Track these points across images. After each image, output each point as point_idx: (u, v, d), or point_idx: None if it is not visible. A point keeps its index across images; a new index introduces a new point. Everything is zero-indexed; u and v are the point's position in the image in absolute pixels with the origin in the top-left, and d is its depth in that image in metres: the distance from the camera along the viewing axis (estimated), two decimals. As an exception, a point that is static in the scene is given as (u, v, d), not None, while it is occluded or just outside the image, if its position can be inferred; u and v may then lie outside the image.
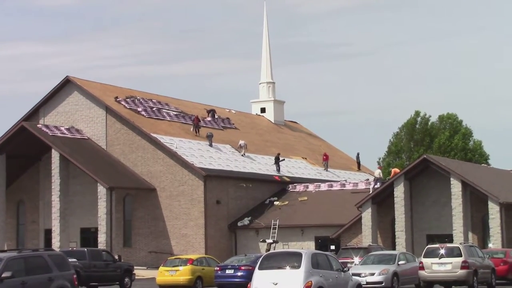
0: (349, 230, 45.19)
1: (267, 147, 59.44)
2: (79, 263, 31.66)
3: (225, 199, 49.37)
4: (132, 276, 34.72)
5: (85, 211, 49.25)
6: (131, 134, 50.44)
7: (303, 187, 52.64)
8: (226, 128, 58.70)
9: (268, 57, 67.95)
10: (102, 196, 46.49)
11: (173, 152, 48.91)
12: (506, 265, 32.27)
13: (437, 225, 43.63)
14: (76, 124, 52.03)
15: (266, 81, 67.67)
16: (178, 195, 48.49)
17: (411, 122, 78.15)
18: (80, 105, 52.18)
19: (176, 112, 56.11)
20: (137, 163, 50.06)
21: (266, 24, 68.34)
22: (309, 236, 47.48)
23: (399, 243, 42.87)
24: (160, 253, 47.28)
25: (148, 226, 49.18)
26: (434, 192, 44.09)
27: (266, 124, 65.76)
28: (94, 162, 48.87)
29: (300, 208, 49.79)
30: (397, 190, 43.40)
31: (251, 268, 28.25)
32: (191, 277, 32.44)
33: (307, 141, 66.79)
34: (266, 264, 21.19)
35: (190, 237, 47.80)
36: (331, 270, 21.78)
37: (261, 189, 51.97)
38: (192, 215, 47.94)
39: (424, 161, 43.77)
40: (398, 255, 31.00)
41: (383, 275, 29.15)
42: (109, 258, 34.38)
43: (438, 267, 28.74)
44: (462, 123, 78.32)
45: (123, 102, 52.73)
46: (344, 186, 51.81)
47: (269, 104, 67.41)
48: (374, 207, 44.22)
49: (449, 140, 75.53)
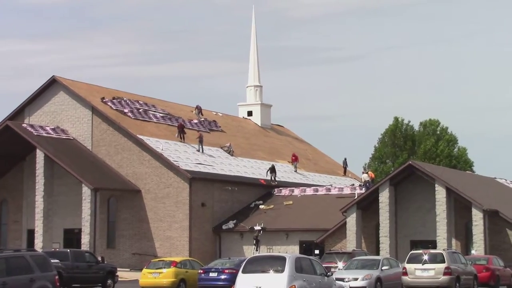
0: (333, 234, 45.26)
1: (253, 150, 59.44)
2: (62, 264, 31.50)
3: (210, 202, 49.31)
4: (115, 278, 34.59)
5: (69, 212, 49.04)
6: (117, 135, 50.29)
7: (288, 191, 52.65)
8: (212, 131, 58.64)
9: (255, 60, 67.97)
10: (86, 197, 46.32)
11: (159, 154, 48.82)
12: (489, 271, 32.45)
13: (421, 231, 43.78)
14: (61, 124, 51.82)
15: (253, 84, 67.69)
16: (163, 197, 48.39)
17: (391, 128, 78.29)
18: (66, 105, 52.00)
19: (162, 114, 56.01)
20: (122, 165, 49.91)
21: (254, 27, 68.44)
22: (294, 240, 47.48)
23: (383, 249, 42.98)
24: (144, 255, 47.15)
25: (132, 227, 49.03)
26: (418, 198, 44.23)
27: (253, 128, 65.76)
28: (79, 163, 48.68)
29: (285, 212, 49.80)
30: (382, 196, 43.51)
31: (234, 271, 28.24)
32: (175, 279, 32.38)
33: (293, 145, 66.85)
34: (249, 267, 21.15)
35: (174, 240, 47.70)
36: (315, 274, 21.78)
37: (246, 193, 51.94)
38: (177, 217, 47.85)
39: (409, 167, 43.91)
40: (382, 261, 31.06)
41: (366, 280, 29.20)
42: (92, 259, 34.22)
43: (421, 273, 28.89)
44: (447, 129, 78.63)
45: (110, 103, 52.57)
46: (330, 191, 51.87)
47: (256, 107, 67.42)
48: (359, 212, 44.31)
49: (434, 147, 75.78)
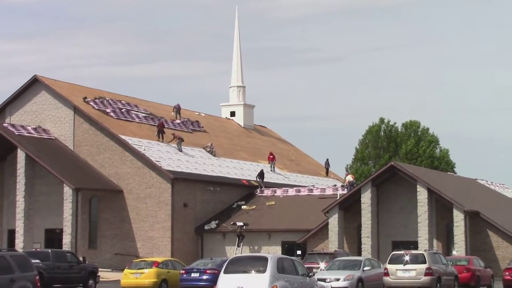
0: (315, 235, 45.34)
1: (236, 151, 59.40)
2: (43, 264, 31.32)
3: (193, 202, 49.23)
4: (96, 278, 34.44)
5: (50, 212, 48.74)
6: (99, 135, 50.08)
7: (271, 191, 52.66)
8: (195, 131, 58.53)
9: (239, 60, 67.93)
10: (68, 197, 46.09)
11: (141, 154, 48.66)
12: (469, 272, 32.63)
13: (402, 232, 43.95)
14: (43, 124, 51.53)
15: (236, 85, 67.64)
16: (145, 197, 48.24)
17: (375, 129, 78.45)
18: (47, 104, 51.72)
19: (145, 114, 55.85)
20: (104, 165, 49.71)
21: (238, 28, 68.37)
22: (276, 240, 47.50)
23: (365, 249, 43.10)
24: (126, 255, 46.97)
25: (114, 228, 48.83)
26: (400, 199, 44.41)
27: (236, 128, 65.72)
28: (61, 163, 48.41)
29: (268, 212, 49.81)
30: (364, 197, 43.63)
31: (216, 271, 28.18)
32: (156, 280, 32.28)
33: (276, 145, 66.88)
34: (231, 268, 21.13)
35: (156, 240, 47.57)
36: (297, 275, 21.79)
37: (228, 193, 51.91)
38: (159, 217, 47.72)
39: (391, 168, 44.08)
40: (364, 261, 31.14)
41: (348, 281, 29.26)
42: (74, 259, 34.04)
43: (403, 273, 28.98)
44: (428, 130, 78.94)
45: (92, 103, 52.34)
46: (312, 191, 51.94)
47: (239, 108, 67.38)
48: (341, 213, 44.41)
49: (415, 147, 76.05)
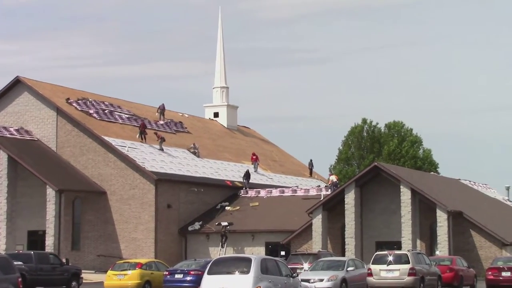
0: (299, 236, 45.38)
1: (219, 151, 59.35)
2: (25, 266, 31.13)
3: (176, 204, 49.13)
4: (79, 280, 34.33)
5: (33, 214, 48.44)
6: (82, 136, 49.87)
7: (254, 192, 52.66)
8: (178, 132, 58.43)
9: (222, 61, 67.89)
10: (51, 198, 45.85)
11: (124, 155, 48.49)
12: (452, 272, 32.79)
13: (386, 232, 44.10)
14: (25, 125, 51.23)
15: (220, 85, 67.60)
16: (129, 198, 48.09)
17: (358, 130, 78.62)
18: (30, 105, 51.44)
19: (128, 115, 55.68)
20: (87, 166, 49.50)
21: (221, 28, 68.36)
22: (260, 241, 47.50)
23: (349, 250, 43.21)
24: (109, 257, 46.79)
25: (97, 229, 48.64)
26: (384, 200, 44.55)
27: (219, 129, 65.67)
28: (44, 164, 48.15)
29: (251, 213, 49.80)
30: (348, 197, 43.73)
31: (200, 273, 28.14)
32: (140, 281, 32.18)
33: (260, 146, 66.90)
34: (215, 269, 21.11)
35: (140, 241, 47.43)
36: (280, 275, 21.80)
37: (212, 194, 51.85)
38: (143, 219, 47.59)
39: (374, 169, 44.22)
40: (347, 262, 31.20)
41: (332, 281, 29.31)
42: (57, 261, 33.88)
43: (386, 273, 29.05)
44: (412, 131, 79.22)
45: (75, 104, 52.11)
46: (296, 192, 51.99)
47: (222, 108, 67.34)
48: (325, 214, 44.49)
49: (398, 148, 76.28)
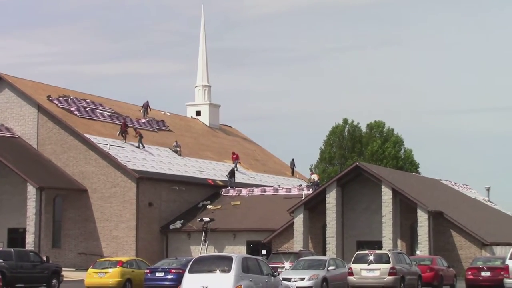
0: (280, 235, 45.46)
1: (201, 150, 59.31)
2: (5, 264, 30.96)
3: (158, 202, 49.05)
4: (60, 278, 34.09)
5: (13, 211, 48.18)
6: (63, 134, 49.65)
7: (236, 191, 52.68)
8: (160, 130, 58.32)
9: (204, 60, 67.84)
10: (31, 196, 45.61)
11: (106, 153, 48.34)
12: (432, 272, 32.98)
13: (367, 232, 44.28)
14: (6, 122, 50.92)
15: (202, 84, 67.55)
16: (110, 196, 47.94)
17: (340, 129, 78.78)
18: (11, 102, 51.14)
19: (110, 113, 55.49)
20: (68, 164, 49.29)
21: (203, 27, 68.29)
22: (241, 240, 47.54)
23: (330, 249, 43.34)
24: (90, 255, 46.64)
25: (78, 227, 48.45)
26: (365, 199, 44.73)
27: (201, 128, 65.63)
28: (24, 161, 47.88)
29: (233, 212, 49.83)
30: (329, 197, 43.87)
31: (181, 271, 28.12)
32: (121, 279, 32.07)
33: (242, 145, 66.93)
34: (196, 267, 21.09)
35: (121, 239, 47.30)
36: (261, 274, 21.83)
37: (194, 193, 51.81)
38: (124, 217, 47.46)
39: (356, 168, 44.38)
40: (328, 261, 31.29)
41: (312, 280, 29.39)
42: (37, 259, 33.67)
43: (367, 273, 29.16)
44: (393, 131, 79.48)
45: (56, 101, 51.86)
46: (277, 191, 52.07)
47: (204, 107, 67.30)
48: (306, 213, 44.60)
49: (381, 148, 76.50)
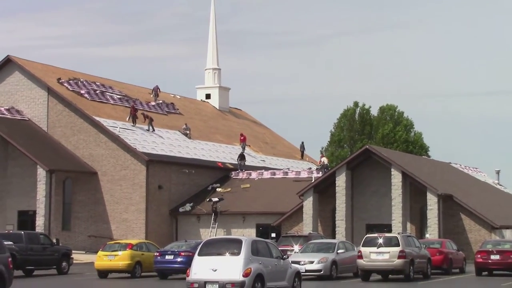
0: (290, 218, 45.49)
1: (211, 133, 59.29)
2: (15, 246, 31.09)
3: (167, 185, 49.11)
4: (69, 260, 34.28)
5: (24, 194, 48.37)
6: (73, 117, 49.70)
7: (246, 174, 52.70)
8: (170, 113, 58.30)
9: (214, 43, 67.64)
10: (41, 178, 45.75)
11: (116, 136, 48.38)
12: (442, 255, 32.92)
13: (376, 215, 44.24)
14: (16, 105, 51.00)
15: (211, 67, 67.40)
16: (120, 179, 48.03)
17: (350, 113, 78.70)
18: (21, 85, 51.18)
19: (120, 96, 55.49)
20: (78, 146, 49.37)
21: (213, 9, 68.05)
22: (251, 223, 47.60)
23: (339, 232, 43.34)
24: (100, 238, 46.82)
25: (88, 210, 48.61)
26: (375, 183, 44.64)
27: (211, 111, 65.56)
28: (34, 144, 47.99)
29: (243, 195, 49.86)
30: (339, 180, 43.80)
31: (191, 254, 28.15)
32: (130, 262, 32.15)
33: (251, 128, 66.86)
34: (205, 250, 21.09)
35: (131, 222, 47.44)
36: (271, 257, 21.81)
37: (203, 176, 51.85)
38: (134, 199, 47.57)
39: (366, 152, 44.28)
40: (338, 244, 31.29)
41: (322, 263, 29.40)
42: (47, 241, 33.84)
43: (376, 256, 29.09)
44: (403, 114, 79.30)
45: (66, 84, 51.89)
46: (287, 174, 52.05)
47: (214, 90, 67.19)
48: (316, 196, 44.57)
49: (392, 132, 76.36)
